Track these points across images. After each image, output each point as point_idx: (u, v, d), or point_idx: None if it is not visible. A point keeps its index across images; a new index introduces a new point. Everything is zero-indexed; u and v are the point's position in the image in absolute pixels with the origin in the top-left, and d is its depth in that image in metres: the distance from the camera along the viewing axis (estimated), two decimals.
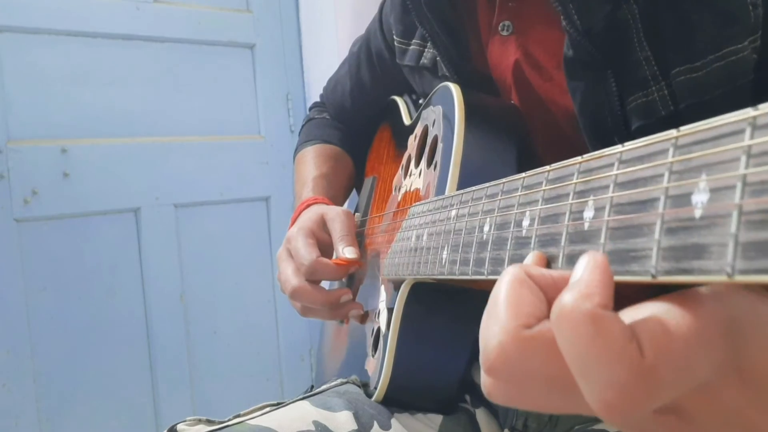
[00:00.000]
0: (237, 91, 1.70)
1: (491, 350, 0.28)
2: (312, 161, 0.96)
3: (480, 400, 0.71)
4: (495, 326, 0.28)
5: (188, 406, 1.59)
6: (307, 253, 0.74)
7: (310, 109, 1.09)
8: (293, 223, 0.84)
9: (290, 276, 0.75)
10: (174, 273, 1.57)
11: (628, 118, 0.53)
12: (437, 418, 0.66)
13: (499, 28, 0.64)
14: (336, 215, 0.77)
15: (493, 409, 0.70)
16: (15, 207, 1.35)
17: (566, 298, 0.25)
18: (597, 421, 0.63)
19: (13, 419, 1.35)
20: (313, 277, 0.74)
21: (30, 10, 1.38)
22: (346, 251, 0.73)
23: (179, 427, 0.61)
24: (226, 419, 0.62)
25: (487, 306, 0.30)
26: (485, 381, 0.30)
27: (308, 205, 0.85)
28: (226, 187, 1.66)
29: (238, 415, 0.63)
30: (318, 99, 1.08)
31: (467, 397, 0.70)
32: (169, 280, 1.57)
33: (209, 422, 0.62)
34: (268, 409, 0.64)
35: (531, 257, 0.32)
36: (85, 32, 1.46)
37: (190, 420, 0.62)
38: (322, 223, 0.78)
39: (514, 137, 0.61)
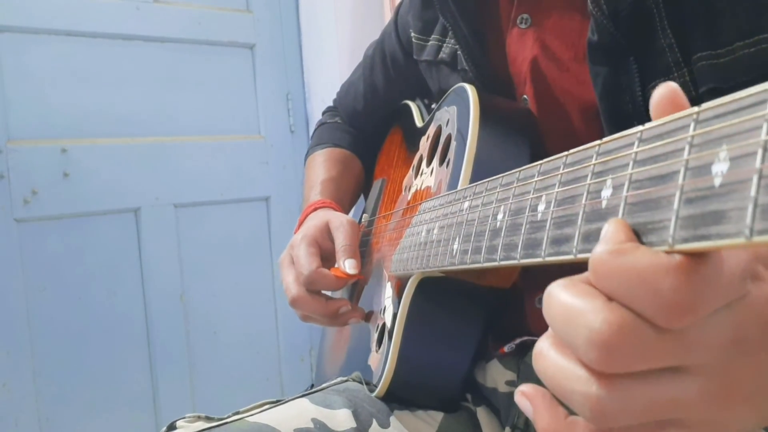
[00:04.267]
0: (237, 91, 1.71)
1: (596, 333, 0.26)
2: (321, 165, 0.96)
3: (481, 398, 0.70)
4: (584, 318, 0.26)
5: (188, 406, 1.58)
6: (308, 262, 0.74)
7: (323, 113, 1.10)
8: (300, 225, 0.84)
9: (291, 284, 0.75)
10: (174, 273, 1.57)
11: (649, 103, 0.53)
12: (438, 416, 0.66)
13: (518, 21, 0.66)
14: (340, 224, 0.77)
15: (494, 408, 0.69)
16: (15, 207, 1.35)
17: (595, 250, 0.27)
18: None
19: (13, 419, 1.34)
20: (312, 287, 0.74)
21: (30, 10, 1.38)
22: (346, 264, 0.73)
23: (178, 423, 0.61)
24: (225, 416, 0.62)
25: (549, 332, 0.29)
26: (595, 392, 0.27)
27: (315, 209, 0.86)
28: (226, 187, 1.66)
29: (238, 413, 0.63)
30: (331, 104, 1.10)
31: (468, 396, 0.70)
32: (169, 280, 1.56)
33: (208, 419, 0.61)
34: (267, 406, 0.64)
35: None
36: (85, 32, 1.46)
37: (189, 417, 0.62)
38: (327, 231, 0.79)
39: (527, 137, 0.62)
